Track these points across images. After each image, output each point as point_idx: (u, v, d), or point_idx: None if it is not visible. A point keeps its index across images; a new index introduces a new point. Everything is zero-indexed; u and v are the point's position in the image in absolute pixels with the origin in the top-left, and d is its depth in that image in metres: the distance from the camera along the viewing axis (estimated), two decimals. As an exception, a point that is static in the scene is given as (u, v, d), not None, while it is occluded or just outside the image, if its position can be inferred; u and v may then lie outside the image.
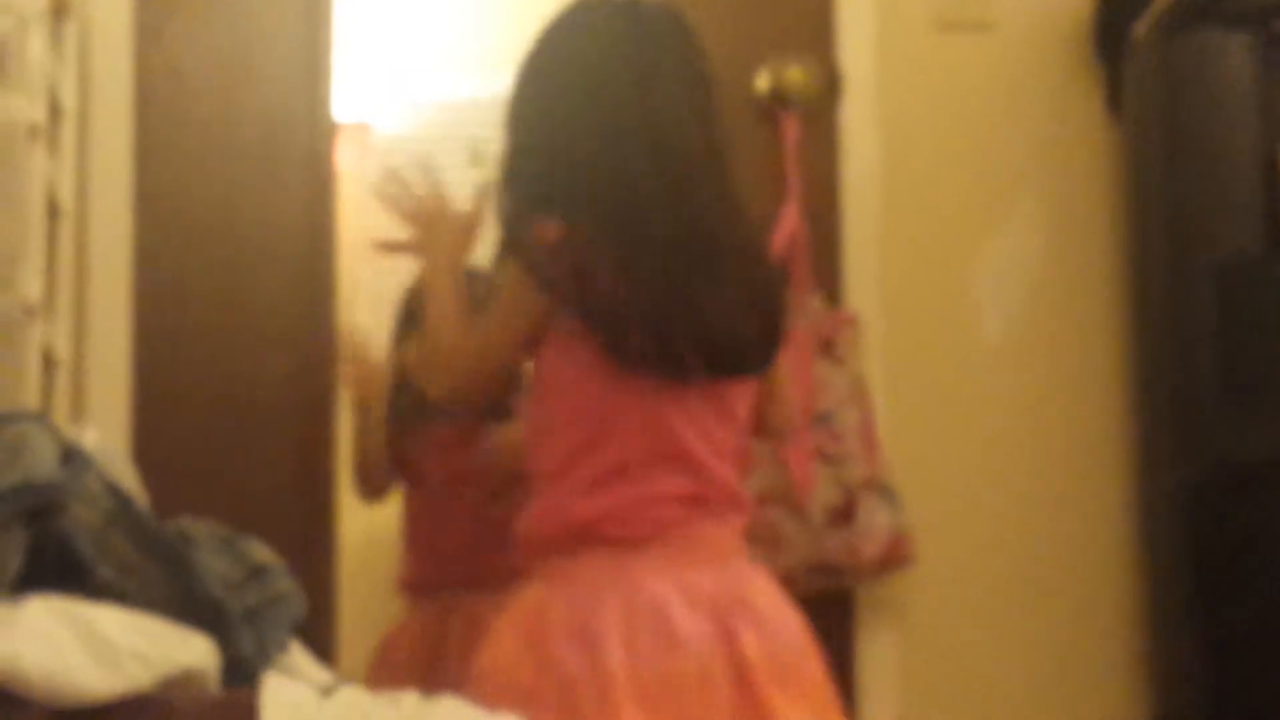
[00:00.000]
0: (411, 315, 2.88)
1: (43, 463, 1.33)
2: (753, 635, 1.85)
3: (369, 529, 3.16)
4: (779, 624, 1.89)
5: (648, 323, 1.87)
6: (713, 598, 1.85)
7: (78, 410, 2.74)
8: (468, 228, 2.16)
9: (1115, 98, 3.18)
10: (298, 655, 1.54)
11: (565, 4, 2.04)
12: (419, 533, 2.96)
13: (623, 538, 1.87)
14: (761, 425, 2.05)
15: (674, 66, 1.96)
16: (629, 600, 1.83)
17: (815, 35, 3.15)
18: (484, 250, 2.16)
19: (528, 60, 2.02)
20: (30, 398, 2.28)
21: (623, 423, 1.89)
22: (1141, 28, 3.03)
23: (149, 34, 2.95)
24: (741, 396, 1.97)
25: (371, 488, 3.01)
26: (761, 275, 1.97)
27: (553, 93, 1.98)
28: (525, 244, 1.93)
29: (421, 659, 2.80)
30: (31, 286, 2.30)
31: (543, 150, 1.97)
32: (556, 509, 1.91)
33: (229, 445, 2.87)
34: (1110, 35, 3.15)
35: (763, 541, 2.84)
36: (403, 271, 3.46)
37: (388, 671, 2.83)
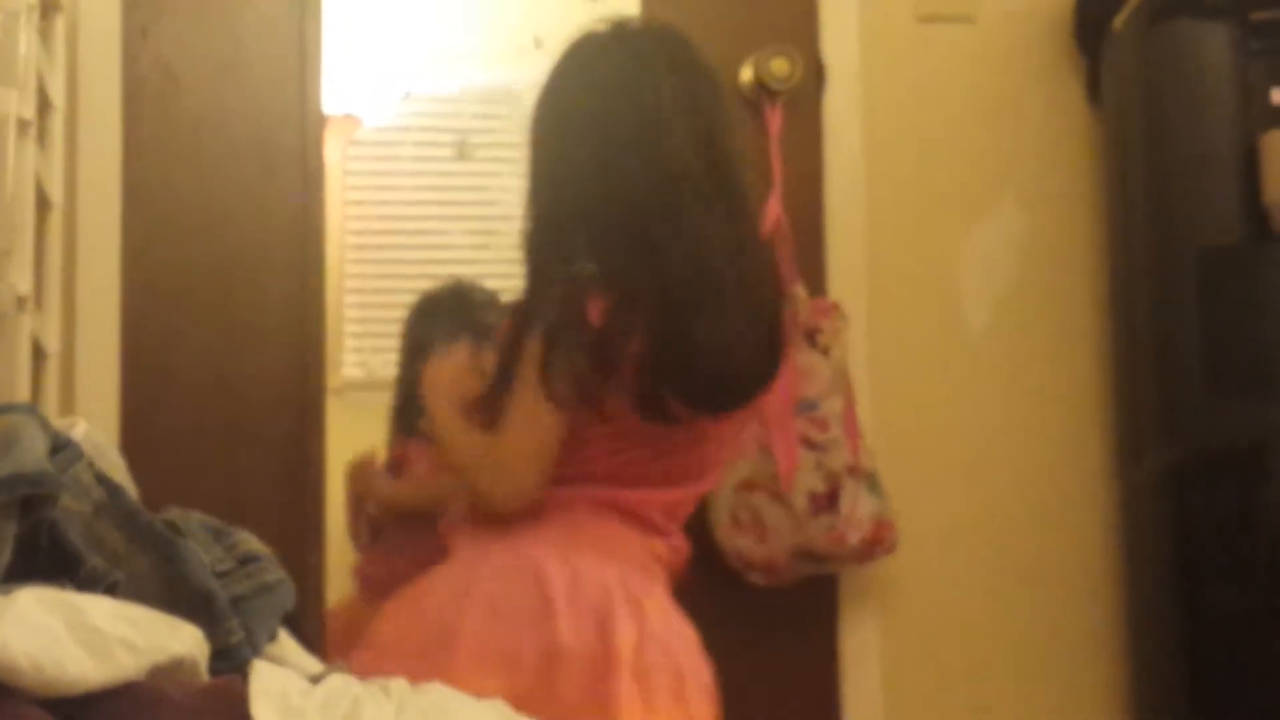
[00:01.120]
0: (419, 340, 2.88)
1: (33, 454, 1.34)
2: (631, 628, 1.87)
3: (358, 519, 3.17)
4: (664, 627, 1.93)
5: (670, 374, 1.88)
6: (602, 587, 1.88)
7: (67, 402, 2.75)
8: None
9: (1096, 88, 3.20)
10: (287, 644, 1.55)
11: (567, 43, 2.02)
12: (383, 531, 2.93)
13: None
14: None
15: (674, 93, 1.95)
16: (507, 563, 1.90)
17: (799, 27, 3.16)
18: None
19: (538, 107, 2.01)
20: (20, 389, 2.30)
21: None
22: (1121, 19, 3.05)
23: (137, 28, 2.96)
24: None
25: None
26: (766, 301, 1.97)
27: (560, 147, 1.98)
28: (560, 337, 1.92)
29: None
30: (21, 279, 2.31)
31: (561, 207, 1.96)
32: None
33: (218, 436, 2.89)
34: (1090, 27, 3.16)
35: (747, 528, 2.87)
36: (389, 263, 3.49)
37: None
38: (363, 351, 3.60)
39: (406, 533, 2.80)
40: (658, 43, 2.02)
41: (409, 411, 2.93)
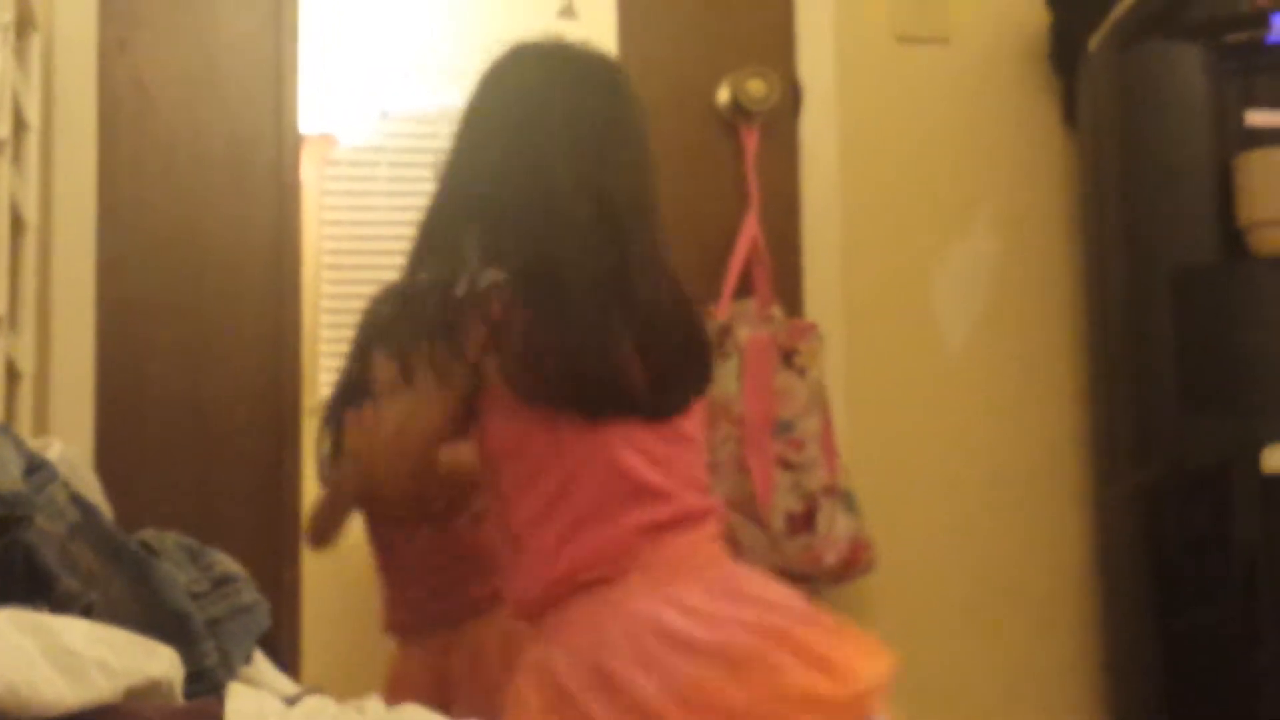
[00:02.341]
0: (377, 329, 2.83)
1: (7, 475, 1.34)
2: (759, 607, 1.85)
3: (334, 539, 3.16)
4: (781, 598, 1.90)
5: (558, 361, 1.89)
6: (707, 595, 1.87)
7: (41, 422, 2.74)
8: None
9: (1071, 109, 3.21)
10: (262, 666, 1.55)
11: (503, 49, 2.05)
12: (396, 567, 2.88)
13: (600, 579, 1.88)
14: None
15: (567, 112, 1.95)
16: (626, 625, 1.84)
17: (775, 48, 3.17)
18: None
19: (464, 108, 2.04)
20: (-5, 410, 2.29)
21: (572, 471, 1.91)
22: (1096, 41, 3.06)
23: (113, 47, 2.95)
24: (689, 417, 1.98)
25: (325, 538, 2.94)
26: (667, 325, 1.93)
27: (474, 141, 2.01)
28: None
29: (430, 701, 2.71)
30: (-4, 299, 2.30)
31: (463, 198, 1.99)
32: (533, 573, 1.92)
33: (194, 456, 2.87)
34: (1066, 48, 3.18)
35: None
36: (366, 283, 3.48)
37: None
38: (339, 371, 3.57)
39: (427, 574, 2.74)
40: (592, 66, 2.03)
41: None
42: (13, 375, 2.50)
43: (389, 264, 3.61)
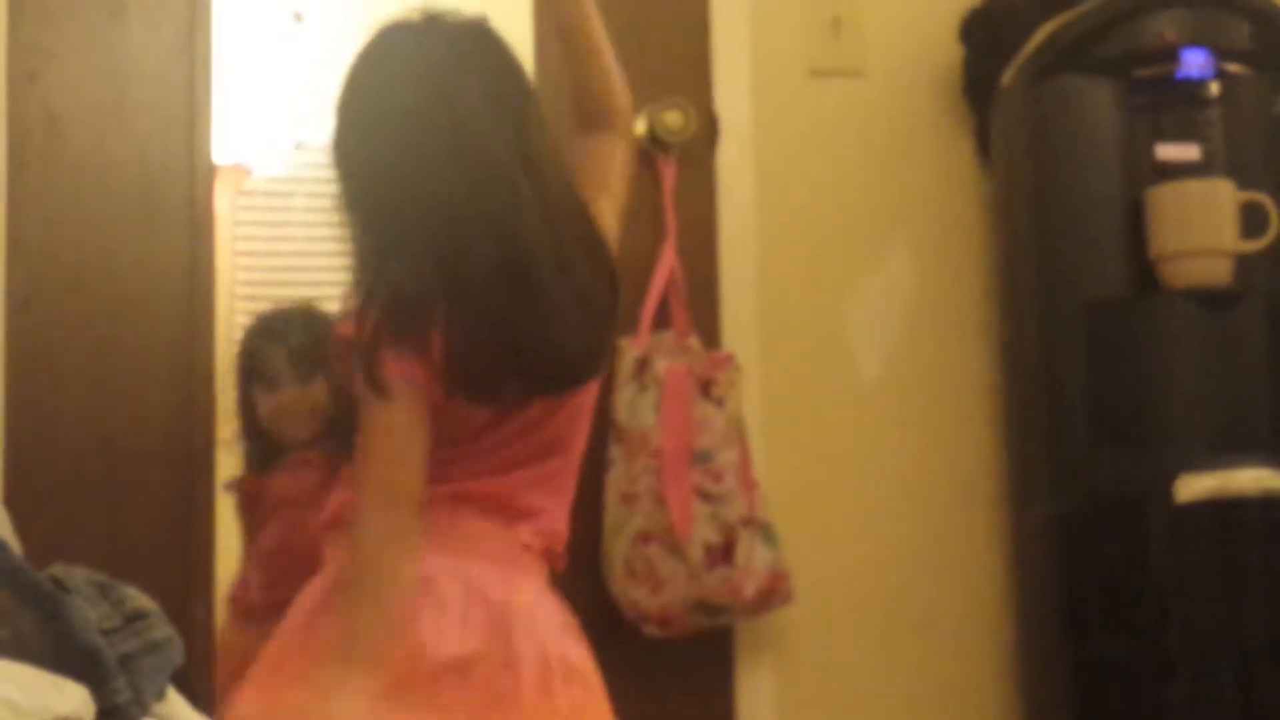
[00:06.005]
0: (250, 369, 2.79)
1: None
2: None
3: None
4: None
5: (487, 354, 1.87)
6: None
7: (-51, 457, 2.70)
8: None
9: (985, 143, 3.24)
10: (176, 702, 1.53)
11: (370, 33, 1.99)
12: (251, 548, 2.86)
13: None
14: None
15: (479, 82, 1.92)
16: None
17: (692, 80, 3.18)
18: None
19: (341, 96, 1.98)
20: (-100, 445, 2.25)
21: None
22: (1008, 75, 3.09)
23: (23, 78, 2.92)
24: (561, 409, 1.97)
25: None
26: (590, 281, 1.92)
27: (365, 134, 1.96)
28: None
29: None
30: (-98, 332, 2.27)
31: (367, 197, 1.95)
32: None
33: (105, 491, 2.84)
34: (979, 83, 3.21)
35: (642, 580, 2.86)
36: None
37: None
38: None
39: (289, 561, 2.73)
40: (465, 36, 2.00)
41: (259, 447, 2.85)
42: (-81, 409, 2.46)
43: (303, 294, 3.60)
